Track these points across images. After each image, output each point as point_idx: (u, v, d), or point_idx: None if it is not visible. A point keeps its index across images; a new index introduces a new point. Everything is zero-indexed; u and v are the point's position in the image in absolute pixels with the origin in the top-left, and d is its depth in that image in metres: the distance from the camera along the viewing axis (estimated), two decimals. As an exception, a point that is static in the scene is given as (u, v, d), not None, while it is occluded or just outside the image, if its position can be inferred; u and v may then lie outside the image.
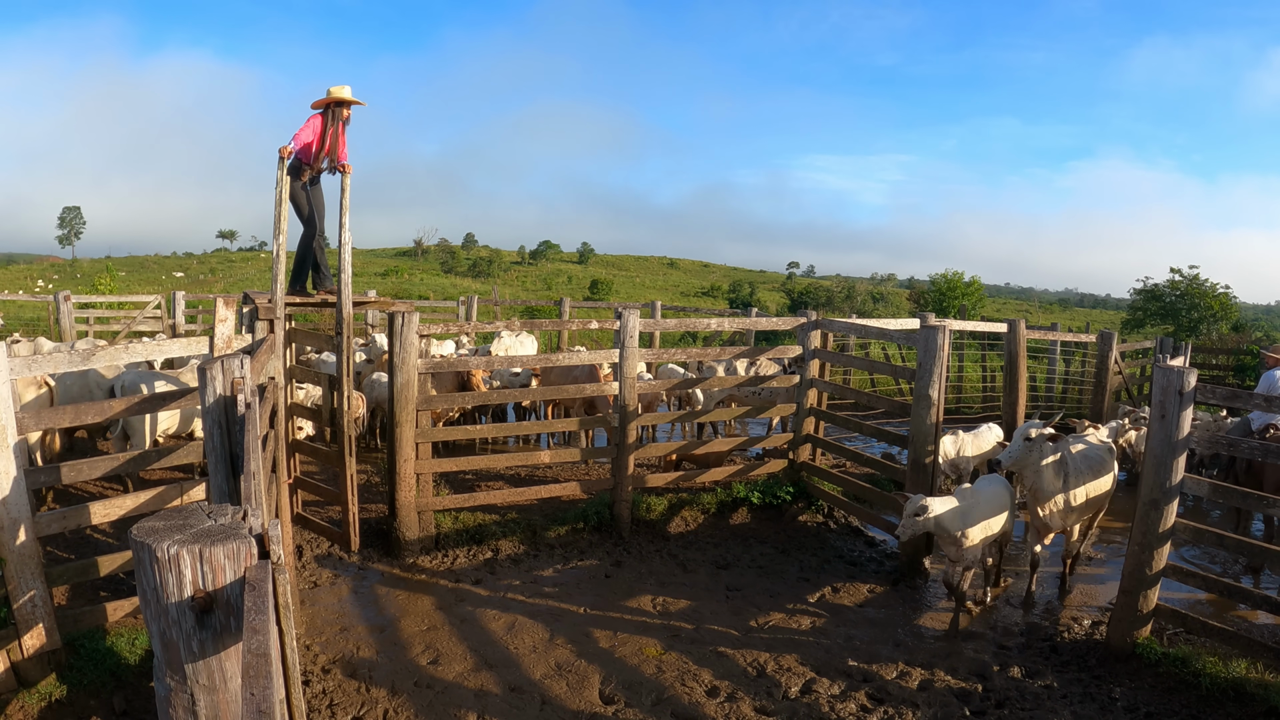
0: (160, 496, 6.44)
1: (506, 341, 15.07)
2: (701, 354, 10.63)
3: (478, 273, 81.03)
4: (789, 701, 6.34)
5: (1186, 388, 6.54)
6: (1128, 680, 6.76)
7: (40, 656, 5.97)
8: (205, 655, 2.73)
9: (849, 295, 54.84)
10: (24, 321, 26.44)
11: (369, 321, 20.43)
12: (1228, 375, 20.71)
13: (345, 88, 8.75)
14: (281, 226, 8.02)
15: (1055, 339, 18.32)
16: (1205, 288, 32.83)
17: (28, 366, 6.18)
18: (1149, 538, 6.81)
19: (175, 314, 20.76)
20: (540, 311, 33.76)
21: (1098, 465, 8.28)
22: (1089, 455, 8.30)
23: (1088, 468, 8.20)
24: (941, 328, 8.74)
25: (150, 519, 2.90)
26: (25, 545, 5.78)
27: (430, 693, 6.29)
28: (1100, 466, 8.31)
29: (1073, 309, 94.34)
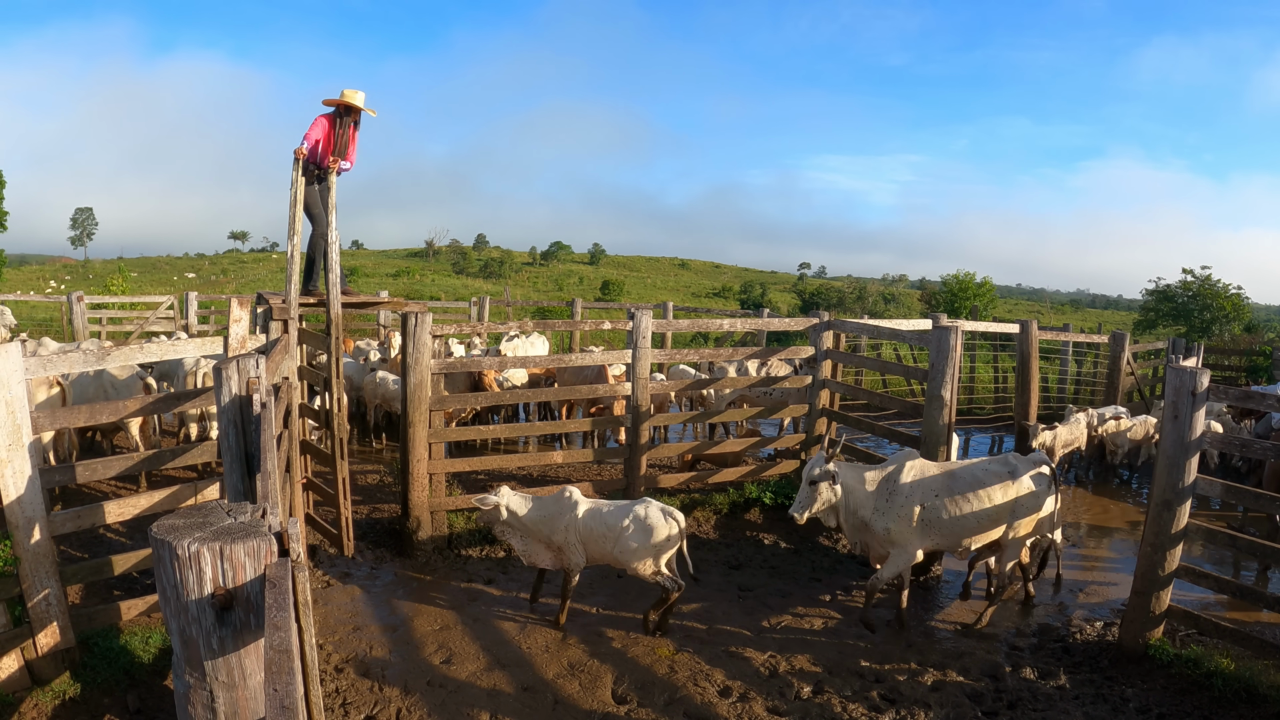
0: (174, 495, 6.46)
1: (514, 343, 15.10)
2: (714, 354, 10.63)
3: (489, 273, 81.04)
4: (801, 702, 6.34)
5: (1199, 388, 6.53)
6: (1140, 681, 6.75)
7: (54, 654, 6.00)
8: (225, 652, 2.75)
9: (860, 296, 54.69)
10: (37, 322, 26.55)
11: (381, 322, 20.50)
12: (1240, 376, 20.63)
13: (359, 94, 8.78)
14: (296, 227, 8.05)
15: (1067, 340, 18.29)
16: (1217, 288, 32.74)
17: (43, 367, 6.21)
18: (1161, 538, 6.80)
19: (188, 314, 20.83)
20: (552, 312, 33.77)
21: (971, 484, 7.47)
22: (960, 476, 7.55)
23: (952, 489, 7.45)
24: (954, 328, 8.73)
25: (170, 517, 2.91)
26: (40, 544, 5.81)
27: (443, 692, 6.30)
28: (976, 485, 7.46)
29: (1084, 310, 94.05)
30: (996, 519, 7.51)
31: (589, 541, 7.32)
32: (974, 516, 7.43)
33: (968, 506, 7.42)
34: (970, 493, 7.44)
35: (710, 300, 67.23)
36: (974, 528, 7.47)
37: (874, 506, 7.46)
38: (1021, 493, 7.53)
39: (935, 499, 7.42)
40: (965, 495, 7.43)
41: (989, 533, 7.56)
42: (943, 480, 7.53)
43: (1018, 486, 7.53)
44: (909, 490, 7.42)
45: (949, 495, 7.44)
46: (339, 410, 8.41)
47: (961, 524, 7.44)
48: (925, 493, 7.43)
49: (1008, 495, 7.49)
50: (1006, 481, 7.52)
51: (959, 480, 7.52)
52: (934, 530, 7.45)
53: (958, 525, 7.44)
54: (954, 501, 7.42)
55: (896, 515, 7.37)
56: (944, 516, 7.41)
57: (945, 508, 7.40)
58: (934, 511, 7.41)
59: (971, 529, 7.47)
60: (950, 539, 7.52)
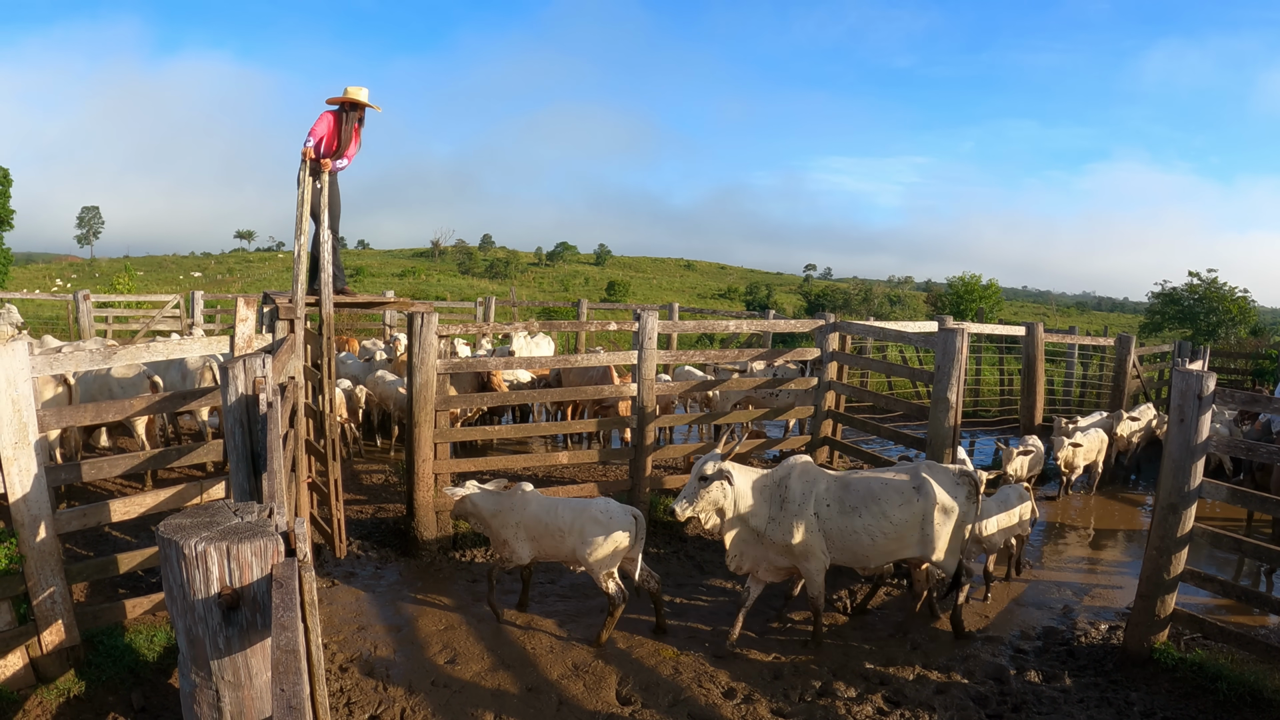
0: (180, 494, 6.47)
1: (519, 343, 15.10)
2: (719, 356, 10.63)
3: (495, 274, 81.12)
4: (806, 703, 6.34)
5: (1205, 392, 6.52)
6: (1144, 685, 6.74)
7: (59, 652, 6.02)
8: (231, 652, 2.75)
9: (866, 298, 54.64)
10: (43, 320, 26.56)
11: (387, 322, 20.52)
12: (1246, 379, 20.61)
13: (363, 90, 8.80)
14: (303, 227, 8.06)
15: (1073, 342, 18.29)
16: (1223, 291, 32.69)
17: (50, 365, 6.22)
18: (1167, 542, 6.79)
19: (194, 313, 20.85)
20: (558, 313, 33.78)
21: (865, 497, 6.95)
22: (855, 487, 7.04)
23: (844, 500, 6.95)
24: (959, 331, 8.74)
25: (177, 516, 2.92)
26: (46, 542, 5.82)
27: (447, 692, 6.31)
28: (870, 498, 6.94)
29: (1090, 312, 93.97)
30: (900, 538, 6.98)
31: (541, 537, 7.27)
32: (868, 533, 6.91)
33: (859, 522, 6.91)
34: (863, 507, 6.92)
35: (716, 301, 67.22)
36: (869, 545, 6.95)
37: (768, 515, 6.93)
38: (932, 509, 6.96)
39: (826, 509, 6.93)
40: (858, 509, 6.92)
41: (892, 551, 7.03)
42: (835, 490, 7.02)
43: (925, 502, 6.95)
44: (801, 497, 6.92)
45: (840, 507, 6.93)
46: (331, 410, 8.42)
47: (855, 540, 6.93)
48: (818, 501, 6.94)
49: (911, 512, 6.94)
50: (910, 496, 6.96)
51: (852, 491, 7.01)
52: (837, 544, 6.98)
53: (851, 541, 6.94)
54: (845, 515, 6.91)
55: (795, 522, 6.85)
56: (834, 530, 6.92)
57: (836, 520, 6.91)
58: (826, 522, 6.93)
59: (866, 546, 6.96)
60: (846, 555, 7.03)
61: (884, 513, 6.90)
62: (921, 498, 6.97)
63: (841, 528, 6.90)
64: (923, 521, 6.98)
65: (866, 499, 6.93)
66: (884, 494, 6.95)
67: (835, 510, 6.92)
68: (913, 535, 7.00)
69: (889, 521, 6.90)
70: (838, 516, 6.91)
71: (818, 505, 6.93)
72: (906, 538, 7.00)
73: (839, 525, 6.90)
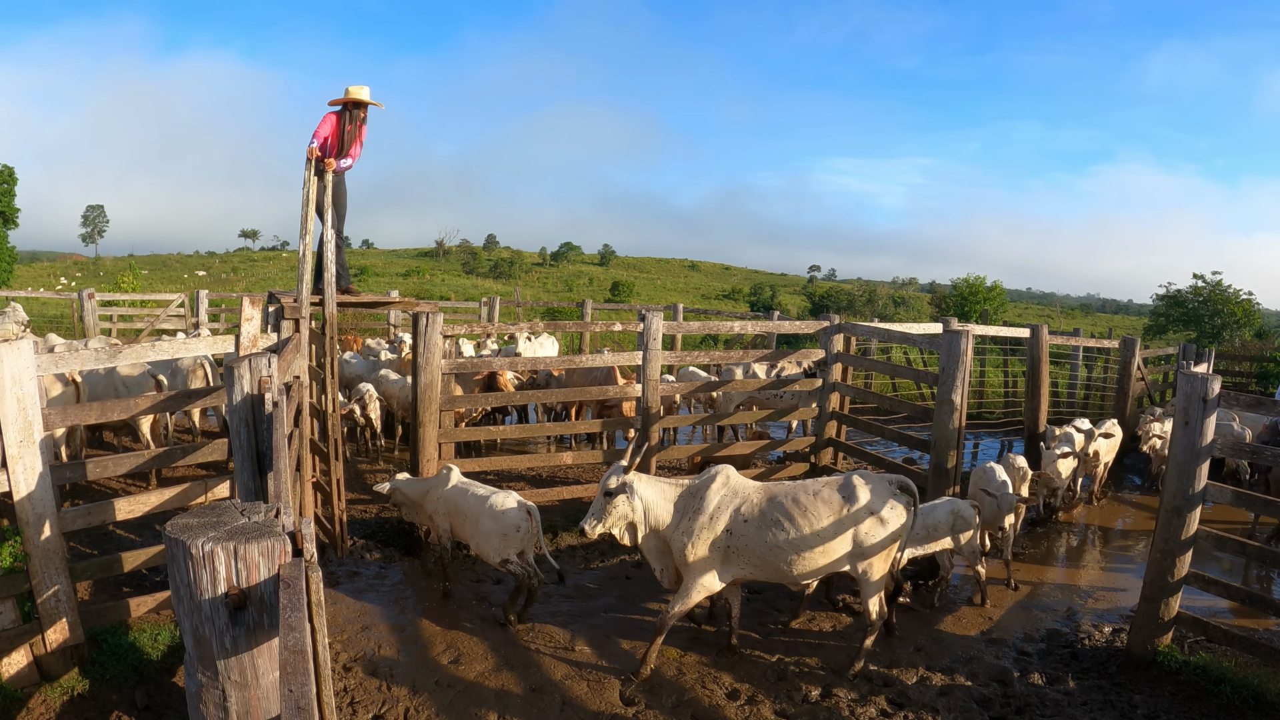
0: (185, 493, 6.48)
1: (523, 344, 15.10)
2: (724, 357, 10.63)
3: (499, 274, 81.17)
4: (809, 705, 6.34)
5: (1210, 394, 6.51)
6: (1148, 688, 6.74)
7: (63, 651, 6.02)
8: (238, 651, 2.75)
9: (870, 299, 54.65)
10: (48, 319, 26.58)
11: (392, 322, 20.53)
12: (1251, 382, 20.58)
13: (364, 89, 8.83)
14: (308, 227, 8.07)
15: (1078, 344, 18.26)
16: (1228, 294, 32.65)
17: (55, 364, 6.23)
18: (1171, 545, 6.79)
19: (199, 312, 20.87)
20: (562, 313, 33.77)
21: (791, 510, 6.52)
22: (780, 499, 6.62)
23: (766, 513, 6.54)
24: (964, 332, 8.73)
25: (184, 516, 2.92)
26: (50, 540, 5.82)
27: (451, 692, 6.31)
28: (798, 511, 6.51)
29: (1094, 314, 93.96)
30: (829, 552, 6.55)
31: (452, 515, 7.76)
32: (793, 547, 6.48)
33: (783, 535, 6.49)
34: (788, 520, 6.50)
35: (720, 302, 67.26)
36: (795, 560, 6.53)
37: (677, 526, 6.62)
38: (864, 523, 6.57)
39: (744, 524, 6.54)
40: (781, 523, 6.50)
41: (820, 565, 6.60)
42: (757, 502, 6.65)
43: (855, 516, 6.56)
44: (715, 510, 6.57)
45: (762, 520, 6.54)
46: (333, 410, 8.42)
47: (777, 554, 6.50)
48: (734, 515, 6.57)
49: (841, 526, 6.54)
50: (840, 510, 6.55)
51: (776, 503, 6.60)
52: (743, 558, 6.58)
53: (773, 555, 6.51)
54: (767, 528, 6.51)
55: (695, 537, 6.54)
56: (753, 544, 6.53)
57: (755, 534, 6.52)
58: (742, 538, 6.53)
59: (791, 561, 6.53)
60: (767, 570, 6.63)
61: (811, 526, 6.49)
62: (854, 510, 6.56)
63: (763, 542, 6.50)
64: (854, 534, 6.59)
65: (792, 512, 6.52)
66: (812, 506, 6.54)
67: (755, 525, 6.53)
68: (842, 549, 6.59)
69: (817, 535, 6.50)
70: (757, 531, 6.52)
71: (733, 521, 6.55)
72: (835, 551, 6.58)
73: (760, 540, 6.50)
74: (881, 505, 6.62)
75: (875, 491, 6.67)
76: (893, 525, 6.64)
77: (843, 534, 6.54)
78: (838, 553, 6.58)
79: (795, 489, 6.70)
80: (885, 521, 6.61)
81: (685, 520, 6.59)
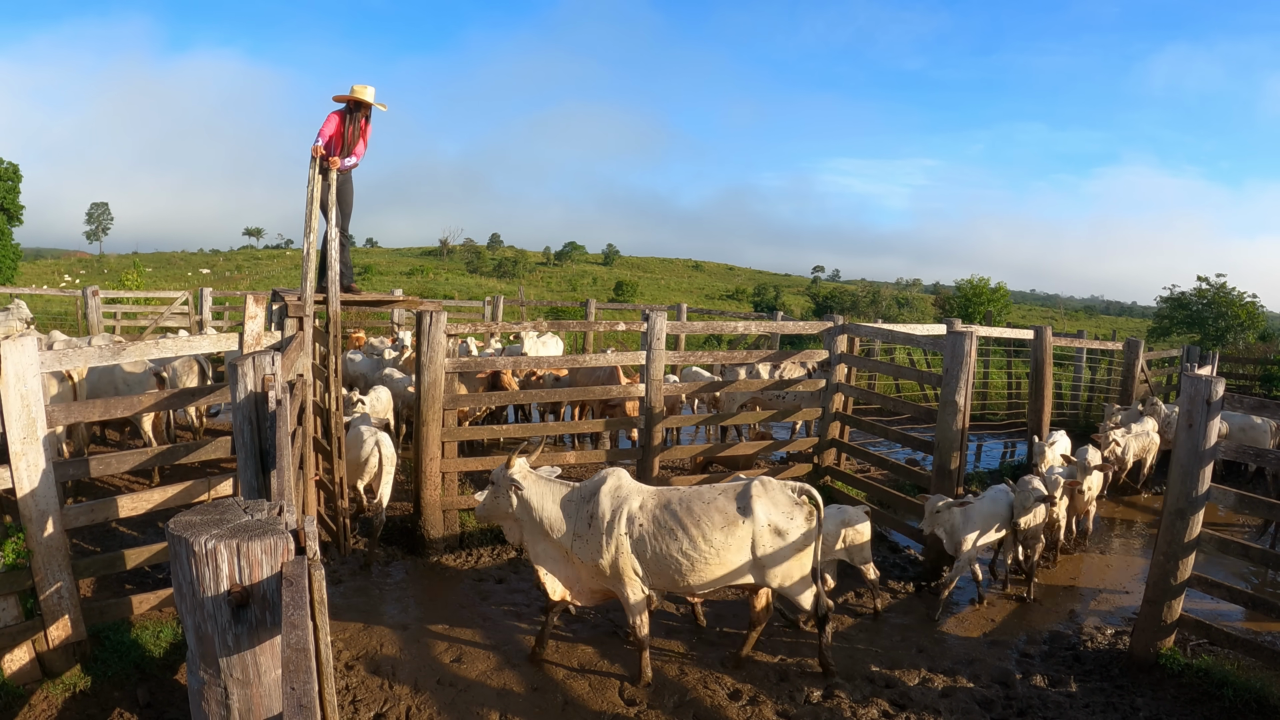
0: (188, 491, 6.48)
1: (529, 344, 15.11)
2: (728, 357, 10.63)
3: (503, 273, 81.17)
4: (811, 706, 6.33)
5: (1214, 397, 6.51)
6: (1150, 691, 6.74)
7: (66, 647, 6.03)
8: (240, 649, 2.75)
9: (874, 300, 54.67)
10: (51, 316, 26.61)
11: (396, 320, 20.53)
12: (1254, 385, 20.55)
13: (369, 89, 8.84)
14: (312, 225, 8.06)
15: (1081, 346, 18.23)
16: (1232, 296, 32.61)
17: (59, 361, 6.24)
18: (1174, 548, 6.78)
19: (202, 310, 20.87)
20: (566, 312, 33.78)
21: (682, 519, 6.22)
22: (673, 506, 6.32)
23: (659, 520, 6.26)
24: (968, 334, 8.72)
25: (187, 513, 2.92)
26: (53, 537, 5.83)
27: (453, 690, 6.31)
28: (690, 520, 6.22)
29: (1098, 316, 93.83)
30: (725, 563, 6.27)
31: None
32: (686, 557, 6.20)
33: (675, 544, 6.20)
34: (680, 528, 6.21)
35: (724, 302, 67.26)
36: (689, 570, 6.25)
37: (573, 533, 6.38)
38: (761, 531, 6.29)
39: (639, 528, 6.28)
40: (674, 531, 6.22)
41: (719, 577, 6.33)
42: (652, 508, 6.37)
43: (751, 524, 6.27)
44: (613, 514, 6.32)
45: (656, 527, 6.26)
46: (337, 409, 8.42)
47: (673, 564, 6.24)
48: (629, 520, 6.30)
49: (736, 534, 6.24)
50: (733, 517, 6.26)
51: (670, 510, 6.32)
52: (650, 568, 6.32)
53: (669, 565, 6.25)
54: (661, 536, 6.24)
55: (604, 541, 6.27)
56: (648, 554, 6.27)
57: (650, 542, 6.25)
58: (640, 544, 6.27)
59: (686, 571, 6.25)
60: (664, 580, 6.37)
61: (704, 535, 6.20)
62: (747, 519, 6.28)
63: (657, 550, 6.24)
64: (752, 546, 6.31)
65: (685, 519, 6.23)
66: (705, 514, 6.25)
67: (650, 530, 6.27)
68: (739, 560, 6.31)
69: (709, 545, 6.20)
70: (652, 538, 6.25)
71: (629, 525, 6.29)
72: (733, 562, 6.30)
73: (654, 548, 6.24)
74: (779, 515, 6.34)
75: (774, 501, 6.40)
76: (793, 535, 6.33)
77: (739, 545, 6.28)
78: (734, 564, 6.30)
79: (690, 495, 6.43)
80: (784, 532, 6.32)
81: (584, 526, 6.36)
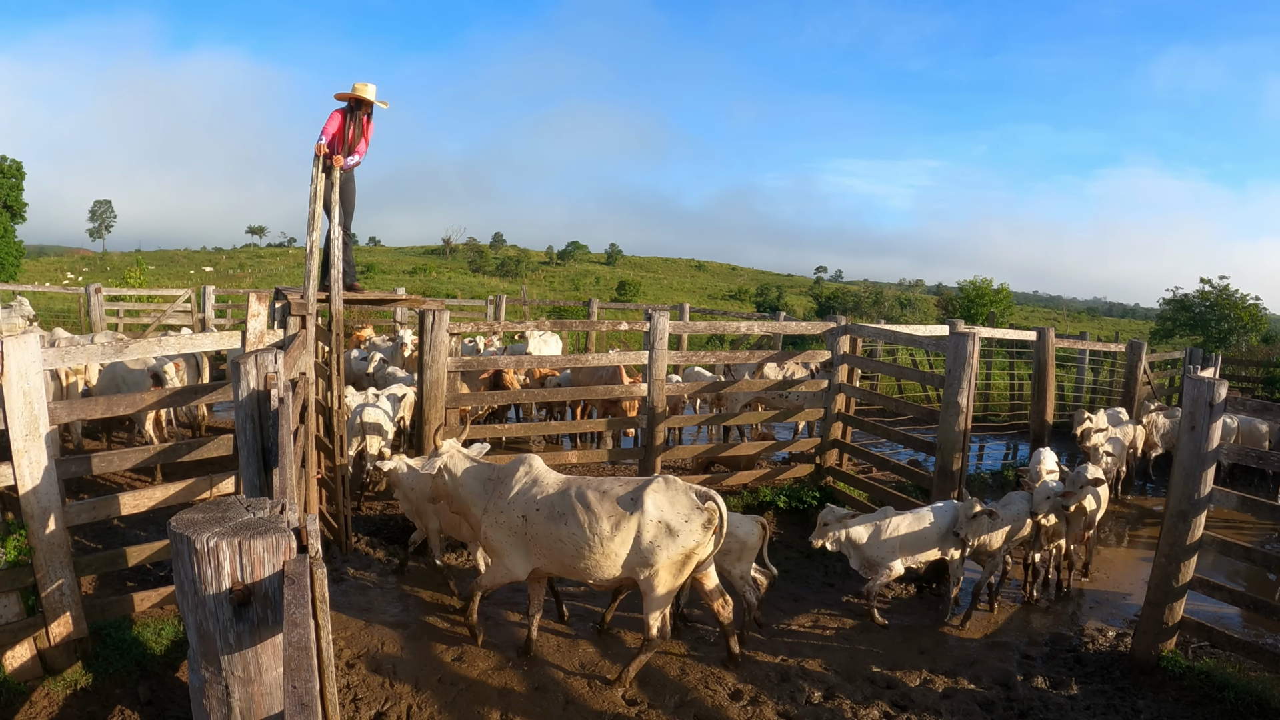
0: (190, 488, 6.49)
1: (534, 343, 15.11)
2: (730, 357, 10.63)
3: (505, 272, 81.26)
4: (812, 706, 6.33)
5: (1217, 399, 6.50)
6: (1151, 693, 6.73)
7: (67, 644, 6.02)
8: (241, 647, 2.75)
9: (877, 301, 54.69)
10: (54, 313, 26.66)
11: (398, 319, 20.53)
12: (1257, 388, 20.54)
13: (370, 87, 8.86)
14: (315, 224, 8.08)
15: (1084, 348, 18.21)
16: (1235, 298, 32.62)
17: (62, 358, 6.24)
18: (1176, 550, 6.77)
19: (205, 308, 20.89)
20: (568, 312, 33.80)
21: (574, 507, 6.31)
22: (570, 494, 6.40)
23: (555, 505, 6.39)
24: (971, 335, 8.71)
25: (189, 511, 2.92)
26: (55, 534, 5.83)
27: (454, 690, 6.31)
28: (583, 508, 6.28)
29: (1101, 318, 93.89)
30: (610, 555, 6.28)
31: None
32: (573, 543, 6.29)
33: (564, 530, 6.30)
34: (571, 515, 6.30)
35: (726, 302, 67.32)
36: (575, 557, 6.33)
37: (484, 507, 6.67)
38: (648, 532, 6.22)
39: (536, 512, 6.42)
40: (565, 517, 6.32)
41: (604, 569, 6.34)
42: (553, 493, 6.49)
43: (639, 522, 6.22)
44: (515, 495, 6.54)
45: (550, 512, 6.38)
46: (339, 407, 8.42)
47: (560, 549, 6.35)
48: (529, 502, 6.48)
49: (622, 530, 6.23)
50: (622, 513, 6.24)
51: (566, 498, 6.41)
52: (538, 549, 6.48)
53: (558, 550, 6.37)
54: (553, 521, 6.35)
55: (497, 520, 6.56)
56: (542, 536, 6.40)
57: (543, 525, 6.39)
58: (534, 525, 6.42)
59: (573, 558, 6.34)
60: (563, 566, 6.46)
61: (591, 525, 6.25)
62: (635, 516, 6.25)
63: (548, 534, 6.37)
64: (637, 543, 6.27)
65: (577, 507, 6.31)
66: (596, 506, 6.29)
67: (544, 515, 6.40)
68: (623, 555, 6.30)
69: (595, 536, 6.25)
70: (545, 522, 6.38)
71: (527, 507, 6.47)
72: (617, 556, 6.30)
73: (545, 531, 6.37)
74: (673, 516, 6.27)
75: (672, 501, 6.34)
76: (684, 539, 6.24)
77: (625, 540, 6.25)
78: (619, 557, 6.30)
79: (589, 485, 6.48)
80: (675, 534, 6.24)
81: (492, 501, 6.63)
